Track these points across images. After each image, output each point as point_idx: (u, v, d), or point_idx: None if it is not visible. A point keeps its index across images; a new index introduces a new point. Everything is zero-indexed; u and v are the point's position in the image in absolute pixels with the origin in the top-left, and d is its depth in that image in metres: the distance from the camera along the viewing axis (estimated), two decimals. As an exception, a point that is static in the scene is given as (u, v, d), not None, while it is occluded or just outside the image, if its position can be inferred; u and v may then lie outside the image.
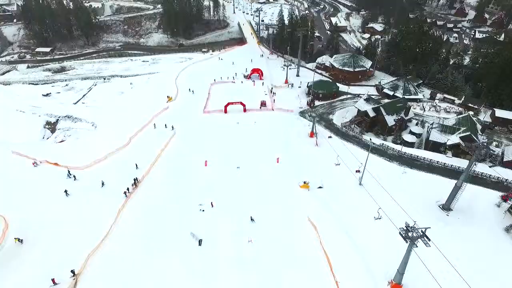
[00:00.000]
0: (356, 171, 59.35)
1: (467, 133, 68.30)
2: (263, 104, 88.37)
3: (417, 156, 67.29)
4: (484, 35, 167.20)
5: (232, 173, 61.86)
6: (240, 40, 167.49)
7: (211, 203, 53.71)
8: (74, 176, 59.85)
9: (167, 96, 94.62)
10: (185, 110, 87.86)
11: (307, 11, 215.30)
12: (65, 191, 55.26)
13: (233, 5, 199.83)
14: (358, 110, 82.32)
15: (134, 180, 58.77)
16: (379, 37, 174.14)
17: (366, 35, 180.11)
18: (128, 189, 56.58)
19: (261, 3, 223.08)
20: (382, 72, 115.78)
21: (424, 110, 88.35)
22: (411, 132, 77.95)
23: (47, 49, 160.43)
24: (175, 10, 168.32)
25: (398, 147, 70.37)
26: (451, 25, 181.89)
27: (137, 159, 65.47)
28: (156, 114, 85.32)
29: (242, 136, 74.31)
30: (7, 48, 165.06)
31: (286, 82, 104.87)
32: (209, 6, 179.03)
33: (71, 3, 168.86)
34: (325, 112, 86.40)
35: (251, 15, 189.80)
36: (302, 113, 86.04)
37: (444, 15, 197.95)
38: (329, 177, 61.01)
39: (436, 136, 70.51)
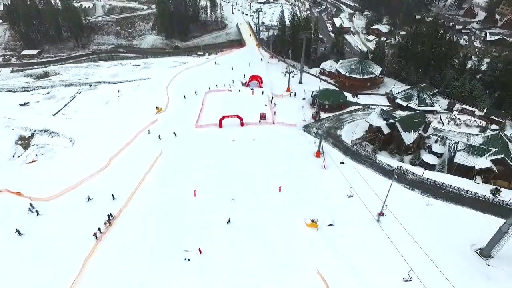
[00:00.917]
0: (379, 214, 49.21)
1: (500, 156, 58.25)
2: (262, 116, 78.20)
3: (442, 183, 57.15)
4: (495, 37, 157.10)
5: (225, 206, 51.59)
6: (239, 42, 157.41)
7: (199, 249, 43.58)
8: (36, 211, 49.72)
9: (156, 107, 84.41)
10: (175, 124, 77.44)
11: (308, 12, 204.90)
12: (17, 230, 45.27)
13: (232, 5, 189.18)
14: (370, 125, 72.25)
15: (108, 216, 48.63)
16: (385, 39, 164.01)
17: (371, 37, 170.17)
18: (99, 229, 46.49)
19: (260, 3, 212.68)
20: (392, 79, 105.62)
21: (443, 124, 78.28)
22: (431, 151, 67.87)
23: (34, 52, 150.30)
24: (169, 10, 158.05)
25: (419, 171, 60.21)
26: (460, 27, 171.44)
27: (115, 186, 55.45)
28: (143, 128, 75.20)
29: (239, 157, 64.05)
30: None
31: (288, 90, 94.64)
32: (206, 6, 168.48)
33: (59, 3, 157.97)
34: (332, 127, 76.12)
35: (250, 15, 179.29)
36: (307, 128, 75.82)
37: (452, 16, 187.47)
38: (341, 212, 50.90)
39: (462, 158, 60.39)
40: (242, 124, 75.84)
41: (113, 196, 52.95)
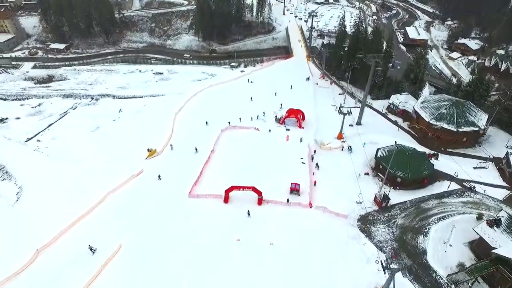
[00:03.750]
0: None
1: None
2: (294, 190, 48.27)
3: None
4: None
5: None
6: (286, 50, 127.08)
7: None
8: None
9: (148, 150, 58.31)
10: (163, 183, 50.99)
11: (374, 17, 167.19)
12: None
13: (284, 5, 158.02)
14: (482, 239, 39.09)
15: None
16: (474, 58, 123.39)
17: (455, 54, 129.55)
18: None
19: (318, 3, 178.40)
20: (499, 129, 68.63)
21: None
22: None
23: (61, 46, 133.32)
24: (210, 8, 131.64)
25: None
26: None
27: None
28: (115, 188, 49.43)
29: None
30: (23, 41, 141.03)
31: (340, 137, 63.28)
32: (252, 5, 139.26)
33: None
34: (409, 227, 43.79)
35: (304, 20, 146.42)
36: (364, 223, 44.34)
37: None
38: None
39: None
40: (260, 202, 46.67)
41: None
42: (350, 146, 59.27)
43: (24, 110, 76.90)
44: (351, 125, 66.09)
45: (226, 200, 46.78)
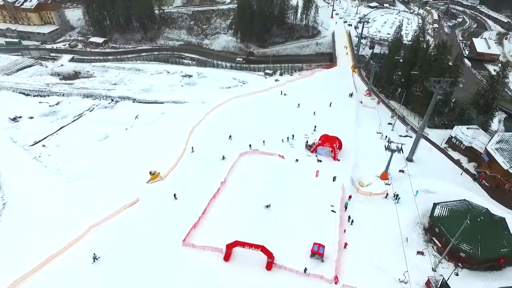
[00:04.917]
0: None
1: None
2: (316, 253, 36.32)
3: None
4: None
5: None
6: (329, 58, 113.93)
7: None
8: None
9: (150, 172, 49.42)
10: (161, 219, 41.68)
11: (435, 25, 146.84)
12: None
13: (333, 8, 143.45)
14: None
15: None
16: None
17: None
18: None
19: (371, 7, 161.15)
20: None
21: None
22: None
23: (100, 40, 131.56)
24: (251, 7, 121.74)
25: None
26: None
27: None
28: (97, 223, 40.92)
29: None
30: (66, 33, 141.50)
31: (385, 177, 49.91)
32: (296, 6, 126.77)
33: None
34: None
35: (354, 27, 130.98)
36: (410, 321, 31.63)
37: None
38: None
39: None
40: (269, 266, 35.43)
41: None
42: (397, 194, 45.70)
43: (40, 108, 72.27)
44: (401, 171, 51.83)
45: (227, 257, 36.20)
